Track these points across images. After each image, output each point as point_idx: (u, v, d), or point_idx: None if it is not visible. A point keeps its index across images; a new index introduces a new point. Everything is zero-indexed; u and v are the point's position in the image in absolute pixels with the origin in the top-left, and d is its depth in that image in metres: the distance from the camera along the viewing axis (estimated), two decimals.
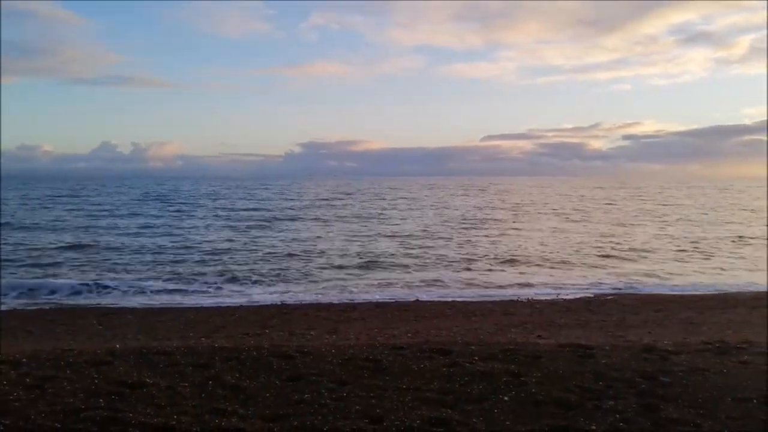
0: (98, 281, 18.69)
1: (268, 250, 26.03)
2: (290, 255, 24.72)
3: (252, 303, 16.34)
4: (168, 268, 21.52)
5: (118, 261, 22.85)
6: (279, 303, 16.16)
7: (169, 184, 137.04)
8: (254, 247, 27.15)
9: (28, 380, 6.22)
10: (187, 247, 26.90)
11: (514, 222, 41.77)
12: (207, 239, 30.24)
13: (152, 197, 73.39)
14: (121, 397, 5.76)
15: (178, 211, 51.13)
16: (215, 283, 18.98)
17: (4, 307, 15.51)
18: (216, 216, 45.18)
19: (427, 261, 23.73)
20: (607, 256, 25.33)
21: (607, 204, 64.31)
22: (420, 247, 27.42)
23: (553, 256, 25.00)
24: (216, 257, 24.04)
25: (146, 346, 8.61)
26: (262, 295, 17.55)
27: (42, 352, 7.70)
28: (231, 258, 23.91)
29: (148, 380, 6.28)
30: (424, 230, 35.58)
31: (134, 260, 23.15)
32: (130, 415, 5.21)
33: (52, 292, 17.23)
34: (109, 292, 17.39)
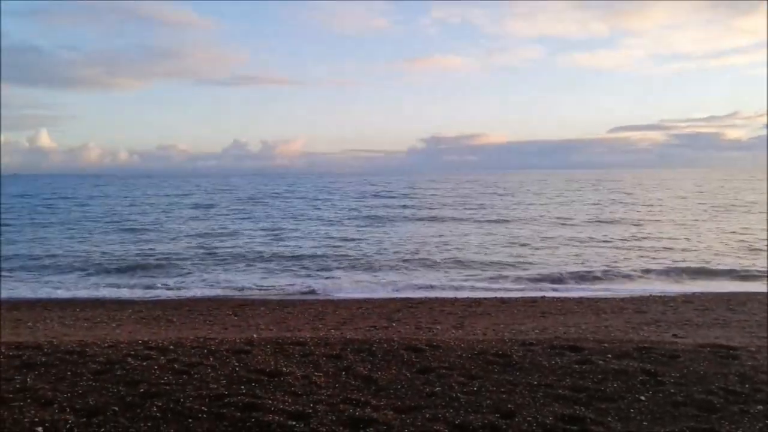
0: (228, 278, 19.73)
1: (391, 248, 26.25)
2: (411, 252, 24.83)
3: (375, 297, 16.56)
4: (295, 263, 22.23)
5: (244, 257, 23.73)
6: (403, 297, 16.30)
7: (294, 180, 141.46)
8: (374, 243, 27.57)
9: (176, 366, 6.64)
10: (313, 243, 27.72)
11: (647, 216, 40.16)
12: (331, 235, 31.01)
13: (272, 195, 76.27)
14: (260, 384, 6.03)
15: (300, 206, 52.74)
16: (339, 277, 19.41)
17: (150, 299, 16.59)
18: (341, 213, 46.14)
19: (553, 257, 23.23)
20: (751, 252, 23.84)
21: (754, 196, 60.36)
22: (546, 246, 26.81)
23: (687, 253, 23.82)
24: (341, 253, 24.54)
25: (280, 336, 8.96)
26: (384, 289, 17.77)
27: (186, 340, 8.19)
28: (356, 254, 24.33)
29: (284, 369, 6.55)
30: (553, 227, 34.82)
31: (260, 255, 24.03)
32: (270, 402, 5.45)
33: (186, 286, 18.29)
34: (241, 287, 18.14)
